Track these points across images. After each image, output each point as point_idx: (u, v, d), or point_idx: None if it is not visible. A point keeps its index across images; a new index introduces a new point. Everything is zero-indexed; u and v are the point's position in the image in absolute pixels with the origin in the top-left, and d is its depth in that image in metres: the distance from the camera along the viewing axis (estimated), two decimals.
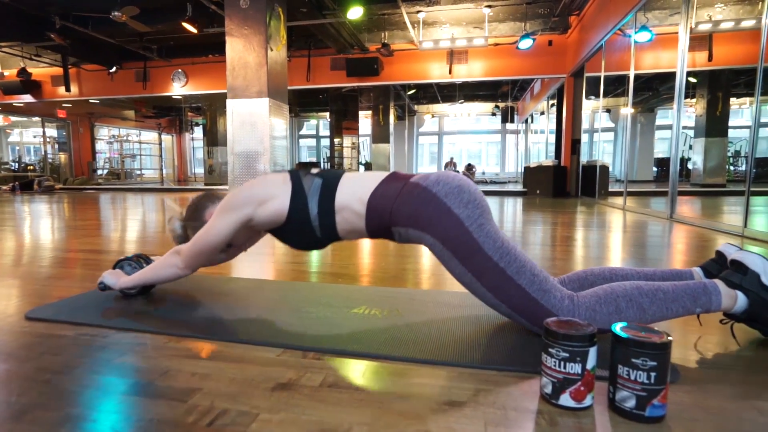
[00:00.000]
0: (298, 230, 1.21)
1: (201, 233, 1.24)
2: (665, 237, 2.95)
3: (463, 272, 1.07)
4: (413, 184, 1.12)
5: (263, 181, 1.24)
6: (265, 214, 1.20)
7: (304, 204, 1.18)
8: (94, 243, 2.68)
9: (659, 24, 7.52)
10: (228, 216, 1.20)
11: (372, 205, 1.14)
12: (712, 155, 10.28)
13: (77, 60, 9.79)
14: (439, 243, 1.07)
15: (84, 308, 1.32)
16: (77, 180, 12.85)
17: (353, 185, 1.18)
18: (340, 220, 1.18)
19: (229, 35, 5.32)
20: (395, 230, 1.14)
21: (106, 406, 0.80)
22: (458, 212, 1.05)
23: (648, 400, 0.72)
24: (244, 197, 1.20)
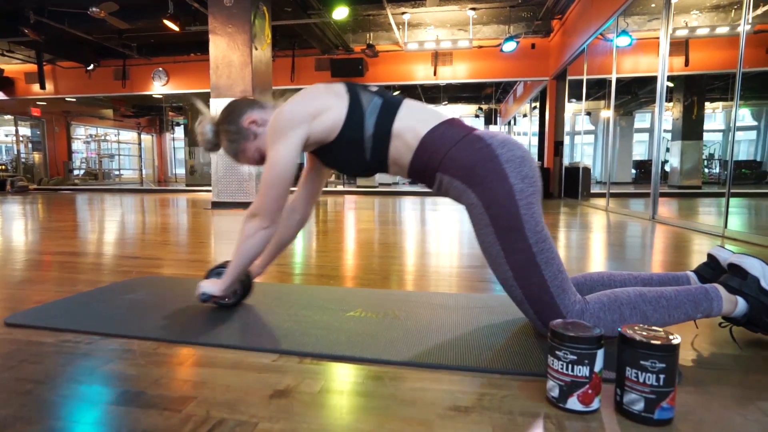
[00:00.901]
0: (348, 149, 1.11)
1: (265, 175, 1.12)
2: (651, 238, 3.00)
3: (494, 243, 1.01)
4: (477, 137, 1.05)
5: (313, 93, 1.12)
6: (320, 128, 1.09)
7: (360, 121, 1.09)
8: (71, 245, 2.58)
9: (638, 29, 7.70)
10: (284, 140, 1.08)
11: (427, 142, 1.07)
12: (688, 158, 10.57)
13: (53, 57, 9.50)
14: (482, 206, 1.01)
15: (66, 313, 1.26)
16: (53, 180, 12.46)
17: (413, 116, 1.10)
18: (392, 147, 1.09)
19: (213, 33, 5.22)
20: (439, 177, 1.07)
21: (94, 417, 0.75)
22: (513, 182, 1.00)
23: (657, 402, 0.71)
24: (298, 113, 1.09)
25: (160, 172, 18.34)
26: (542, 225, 1.01)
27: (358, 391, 0.84)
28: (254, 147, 1.21)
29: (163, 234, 3.09)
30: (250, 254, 1.17)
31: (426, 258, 2.20)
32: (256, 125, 1.20)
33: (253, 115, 1.20)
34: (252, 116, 1.20)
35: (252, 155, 1.23)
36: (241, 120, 1.20)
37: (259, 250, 1.17)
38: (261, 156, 1.22)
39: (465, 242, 2.72)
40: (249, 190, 5.31)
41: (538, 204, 1.02)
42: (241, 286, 1.31)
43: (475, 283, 1.70)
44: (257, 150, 1.21)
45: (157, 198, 7.66)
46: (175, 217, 4.38)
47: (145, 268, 1.95)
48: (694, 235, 3.07)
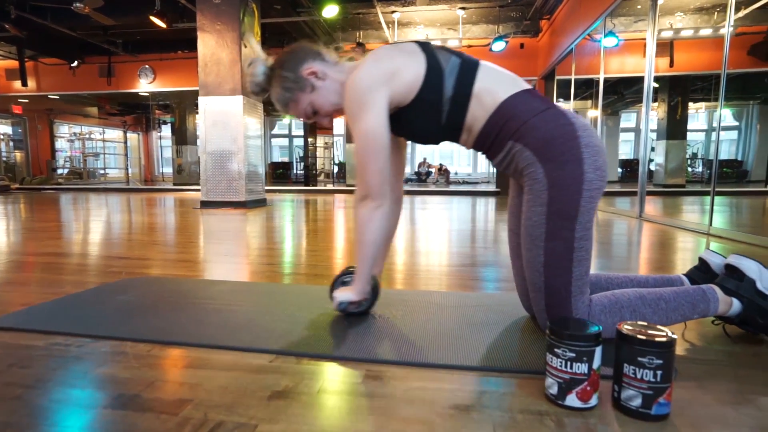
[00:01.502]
0: (424, 112, 1.05)
1: (360, 152, 1.04)
2: (639, 236, 3.04)
3: (540, 223, 0.98)
4: (561, 112, 1.00)
5: (387, 52, 1.05)
6: (398, 89, 1.02)
7: (439, 82, 1.02)
8: (56, 246, 2.53)
9: (625, 30, 7.81)
10: (371, 104, 1.01)
11: (506, 107, 1.01)
12: (672, 157, 10.76)
13: (35, 53, 9.29)
14: (546, 182, 0.97)
15: (55, 316, 1.23)
16: (35, 179, 12.20)
17: (492, 78, 1.04)
18: (470, 111, 1.03)
19: (201, 30, 5.16)
20: (510, 145, 1.02)
21: (88, 422, 0.74)
22: (586, 170, 0.96)
23: (654, 398, 0.72)
24: (376, 75, 1.01)
25: (146, 171, 18.08)
26: (592, 223, 0.98)
27: (358, 392, 0.84)
28: (308, 100, 1.13)
29: (152, 234, 3.05)
30: (376, 239, 1.09)
31: (417, 257, 2.20)
32: (315, 77, 1.12)
33: (315, 66, 1.12)
34: (313, 67, 1.11)
35: (304, 108, 1.15)
36: (301, 69, 1.11)
37: (382, 232, 1.09)
38: (313, 110, 1.15)
39: (455, 241, 2.73)
40: (239, 189, 5.26)
41: (597, 201, 0.98)
42: (372, 294, 1.23)
43: (468, 281, 1.71)
44: (311, 104, 1.14)
45: (144, 197, 7.55)
46: (163, 216, 4.32)
47: (135, 268, 1.92)
48: (680, 233, 3.12)
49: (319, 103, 1.14)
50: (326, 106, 1.14)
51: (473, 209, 5.17)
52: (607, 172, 1.00)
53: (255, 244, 2.62)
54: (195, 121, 12.28)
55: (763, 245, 2.59)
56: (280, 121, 18.54)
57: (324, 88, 1.13)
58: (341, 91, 1.13)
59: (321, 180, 14.76)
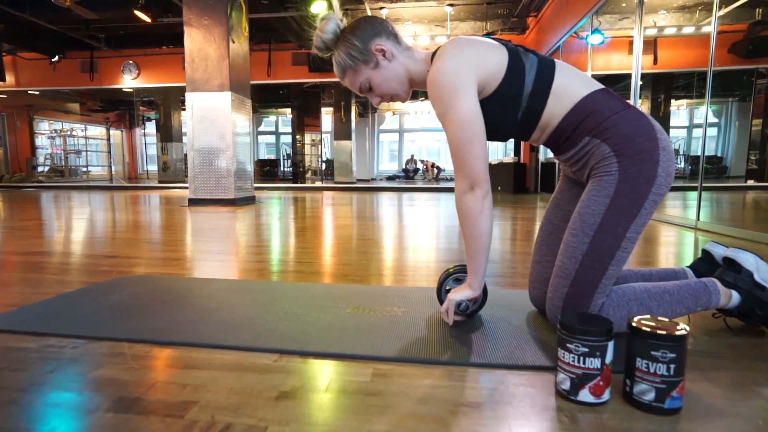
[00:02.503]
0: (502, 106, 1.03)
1: (458, 137, 1.00)
2: None
3: (597, 213, 0.97)
4: (641, 113, 1.00)
5: (469, 41, 1.02)
6: (482, 77, 1.00)
7: (521, 76, 1.01)
8: (39, 245, 2.46)
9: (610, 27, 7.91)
10: (462, 90, 0.98)
11: (586, 104, 1.00)
12: None
13: (13, 47, 9.02)
14: (618, 176, 0.96)
15: (47, 317, 1.19)
16: (15, 177, 11.89)
17: (570, 78, 1.03)
18: (548, 108, 1.02)
19: (188, 25, 5.06)
20: (586, 141, 1.01)
21: (87, 427, 0.71)
22: (659, 173, 0.96)
23: (667, 392, 0.72)
24: (463, 62, 0.98)
25: (130, 169, 17.75)
26: (643, 228, 0.98)
27: (367, 390, 0.82)
28: (367, 75, 1.10)
29: (139, 232, 2.98)
30: (489, 230, 1.03)
31: (405, 253, 2.19)
32: (383, 55, 1.08)
33: (386, 44, 1.08)
34: (384, 45, 1.08)
35: (361, 81, 1.11)
36: (372, 42, 1.08)
37: (490, 222, 1.04)
38: (369, 87, 1.11)
39: (446, 237, 2.73)
40: (227, 186, 5.19)
41: (657, 205, 0.99)
42: (483, 293, 1.17)
43: None
44: (368, 80, 1.10)
45: (129, 195, 7.40)
46: (150, 214, 4.23)
47: (125, 267, 1.87)
48: (669, 228, 3.17)
49: (377, 81, 1.10)
50: (383, 86, 1.11)
51: None
52: (673, 175, 1.00)
53: (246, 241, 2.58)
54: (180, 117, 12.08)
55: (750, 239, 2.64)
56: (266, 119, 18.36)
57: (388, 68, 1.09)
58: (404, 77, 1.11)
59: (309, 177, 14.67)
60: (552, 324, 1.08)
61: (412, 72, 1.11)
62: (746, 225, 3.56)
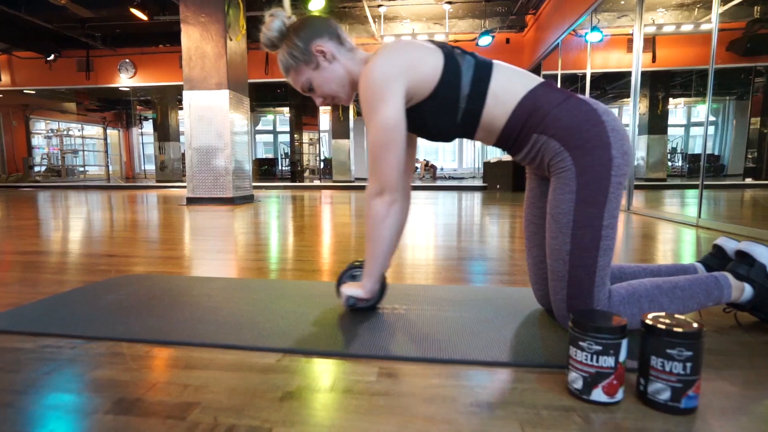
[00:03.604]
0: (439, 109, 1.03)
1: (375, 141, 1.00)
2: (631, 228, 3.07)
3: (568, 212, 0.96)
4: (582, 100, 0.99)
5: (405, 44, 1.02)
6: (415, 83, 1.00)
7: (457, 78, 1.00)
8: (36, 244, 2.42)
9: (609, 25, 7.90)
10: (388, 95, 0.98)
11: (527, 102, 1.00)
12: (654, 151, 10.96)
13: (8, 46, 8.95)
14: (574, 170, 0.95)
15: (43, 317, 1.16)
16: (11, 177, 11.82)
17: (509, 76, 1.02)
18: (486, 109, 1.02)
19: (185, 23, 5.02)
20: (535, 138, 1.00)
21: (86, 429, 0.68)
22: (614, 155, 0.94)
23: (683, 391, 0.70)
24: (394, 65, 0.98)
25: (128, 168, 17.67)
26: (618, 211, 0.97)
27: (374, 390, 0.80)
28: (308, 75, 1.09)
29: (137, 231, 2.95)
30: (391, 236, 1.06)
31: (404, 251, 2.17)
32: (323, 56, 1.08)
33: (327, 45, 1.08)
34: (325, 46, 1.07)
35: (302, 81, 1.11)
36: (313, 43, 1.07)
37: (397, 228, 1.05)
38: (310, 87, 1.11)
39: (446, 235, 2.71)
40: (225, 185, 5.16)
41: (623, 187, 0.97)
42: (380, 289, 1.21)
43: (465, 275, 1.68)
44: (309, 80, 1.10)
45: (127, 195, 7.36)
46: (148, 213, 4.20)
47: (123, 266, 1.85)
48: (670, 225, 3.16)
49: (317, 82, 1.10)
50: (324, 88, 1.10)
51: (461, 204, 5.17)
52: (631, 152, 0.98)
53: (244, 240, 2.56)
54: (178, 116, 12.02)
55: (753, 236, 2.63)
56: (264, 118, 18.30)
57: (328, 70, 1.09)
58: (344, 80, 1.10)
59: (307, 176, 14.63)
60: (563, 325, 1.05)
61: (353, 74, 1.10)
62: (748, 222, 3.55)
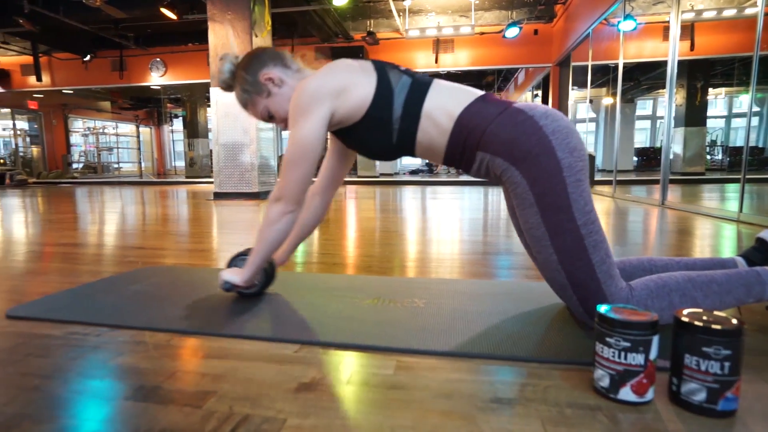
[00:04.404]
0: (374, 130, 1.04)
1: (288, 156, 1.04)
2: (667, 223, 2.94)
3: (538, 224, 0.94)
4: (516, 110, 0.97)
5: (338, 67, 1.05)
6: (345, 106, 1.02)
7: (389, 101, 1.02)
8: (72, 236, 2.52)
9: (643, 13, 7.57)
10: (308, 117, 1.01)
11: (463, 121, 0.99)
12: (691, 144, 10.49)
13: (48, 48, 9.34)
14: (526, 183, 0.93)
15: (71, 305, 1.20)
16: (51, 174, 12.37)
17: (445, 95, 1.02)
18: (422, 130, 1.02)
19: (212, 21, 5.11)
20: (480, 156, 0.99)
21: (108, 414, 0.69)
22: (561, 156, 0.92)
23: (721, 392, 0.66)
24: (323, 87, 1.01)
25: (159, 165, 18.23)
26: (591, 205, 0.93)
27: (390, 384, 0.78)
28: (264, 104, 1.14)
29: (166, 225, 3.03)
30: (275, 241, 1.10)
31: (429, 245, 2.14)
32: (272, 83, 1.12)
33: (274, 72, 1.13)
34: (271, 73, 1.12)
35: (261, 111, 1.16)
36: (260, 73, 1.12)
37: (284, 236, 1.11)
38: (269, 114, 1.15)
39: (470, 229, 2.66)
40: (251, 180, 5.24)
41: (587, 181, 0.94)
42: (264, 274, 1.25)
43: (489, 269, 1.64)
44: (266, 108, 1.15)
45: (158, 190, 7.58)
46: (177, 208, 4.31)
47: (150, 258, 1.89)
48: (708, 220, 3.01)
49: (273, 108, 1.15)
50: (281, 112, 1.15)
51: (486, 199, 5.08)
52: (584, 150, 0.95)
53: None
54: (206, 114, 12.30)
55: None
56: None
57: (279, 95, 1.13)
58: None
59: None
60: (587, 325, 1.00)
61: None
62: None
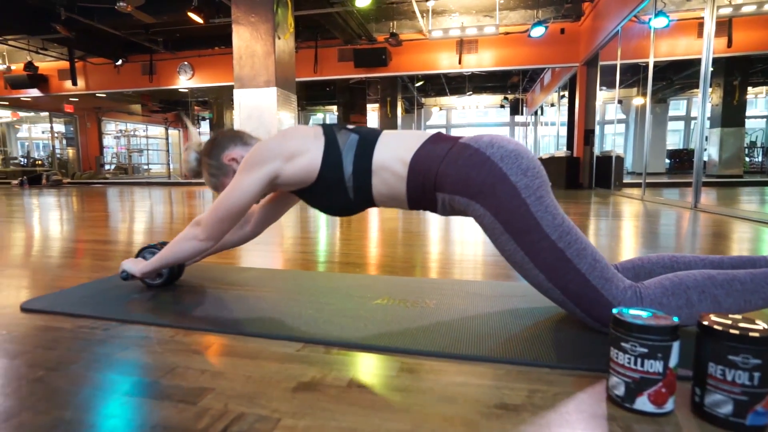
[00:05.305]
0: (330, 191, 1.08)
1: (222, 195, 1.09)
2: (699, 227, 2.80)
3: (515, 250, 0.93)
4: (463, 145, 0.98)
5: (293, 133, 1.10)
6: (294, 170, 1.07)
7: (338, 161, 1.05)
8: (101, 233, 2.59)
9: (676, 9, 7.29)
10: (253, 172, 1.06)
11: (416, 166, 1.01)
12: (728, 146, 10.05)
13: (83, 53, 9.73)
14: (490, 214, 0.94)
15: (85, 299, 1.22)
16: (85, 174, 12.85)
17: (394, 144, 1.05)
18: (377, 182, 1.05)
19: (236, 23, 5.20)
20: (440, 197, 1.01)
21: (104, 408, 0.69)
22: (515, 180, 0.92)
23: (750, 405, 0.60)
24: (271, 150, 1.06)
25: None
26: (561, 217, 0.91)
27: (392, 385, 0.75)
28: None
29: (188, 224, 3.08)
30: (177, 257, 1.16)
31: (451, 246, 2.10)
32: (236, 162, 1.20)
33: (235, 152, 1.20)
34: (233, 153, 1.20)
35: None
36: (222, 156, 1.21)
37: (187, 257, 1.16)
38: None
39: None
40: None
41: (549, 194, 0.93)
42: (169, 270, 1.30)
43: (508, 270, 1.59)
44: None
45: (185, 191, 7.77)
46: (202, 208, 4.39)
47: None
48: (744, 224, 2.85)
49: None
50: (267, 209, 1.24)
51: None
52: (537, 166, 0.94)
53: (289, 233, 2.59)
54: (232, 116, 12.55)
55: None
56: (314, 116, 18.69)
57: None
58: None
59: None
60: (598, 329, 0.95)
61: None
62: None
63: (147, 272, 1.22)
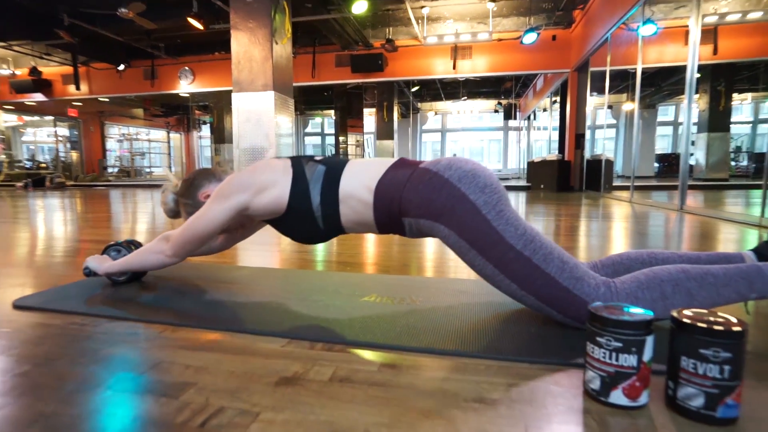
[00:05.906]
0: (299, 221, 1.12)
1: (192, 219, 1.14)
2: (684, 227, 2.81)
3: (484, 264, 0.96)
4: (422, 170, 1.02)
5: (264, 166, 1.14)
6: (263, 202, 1.11)
7: (306, 192, 1.09)
8: (101, 234, 2.60)
9: (664, 17, 7.33)
10: (223, 202, 1.11)
11: (380, 193, 1.04)
12: (714, 150, 10.11)
13: (87, 58, 9.79)
14: (455, 234, 0.97)
15: (76, 296, 1.23)
16: (88, 177, 12.90)
17: (359, 172, 1.09)
18: (345, 210, 1.08)
19: (234, 29, 5.24)
20: (407, 222, 1.04)
21: (85, 402, 0.70)
22: (474, 198, 0.95)
23: (720, 398, 0.61)
24: (242, 183, 1.11)
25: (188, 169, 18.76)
26: (523, 227, 0.94)
27: (373, 380, 0.76)
28: None
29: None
30: (142, 265, 1.23)
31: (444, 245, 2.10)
32: None
33: (209, 189, 1.26)
34: (208, 191, 1.26)
35: None
36: (198, 194, 1.26)
37: (151, 268, 1.23)
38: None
39: None
40: None
41: (509, 207, 0.96)
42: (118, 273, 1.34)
43: None
44: None
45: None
46: None
47: None
48: (729, 225, 2.86)
49: None
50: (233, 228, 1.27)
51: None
52: (494, 181, 0.97)
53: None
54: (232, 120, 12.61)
55: None
56: (312, 120, 18.76)
57: None
58: None
59: None
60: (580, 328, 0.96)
61: None
62: None
63: (110, 273, 1.29)
